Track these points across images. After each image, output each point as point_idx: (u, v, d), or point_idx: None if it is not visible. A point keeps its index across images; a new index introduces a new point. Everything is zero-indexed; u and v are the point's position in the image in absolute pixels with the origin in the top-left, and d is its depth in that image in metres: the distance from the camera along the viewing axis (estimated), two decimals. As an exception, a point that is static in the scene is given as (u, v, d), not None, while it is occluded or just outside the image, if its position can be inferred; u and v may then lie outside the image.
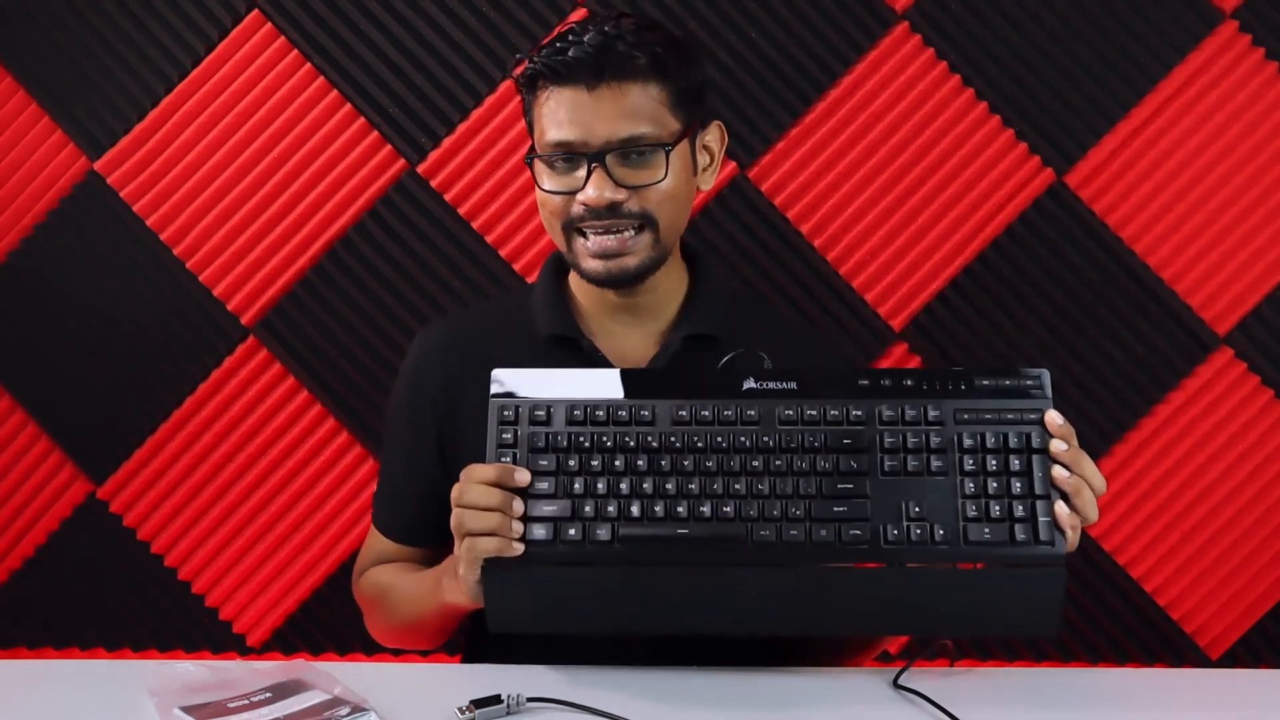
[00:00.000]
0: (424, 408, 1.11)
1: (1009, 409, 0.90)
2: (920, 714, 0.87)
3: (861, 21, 1.47)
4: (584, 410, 0.91)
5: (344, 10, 1.48)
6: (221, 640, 1.53)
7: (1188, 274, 1.48)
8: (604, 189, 1.00)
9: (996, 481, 0.88)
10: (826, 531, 0.87)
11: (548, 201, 1.05)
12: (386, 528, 1.15)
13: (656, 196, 1.03)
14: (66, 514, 1.53)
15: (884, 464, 0.89)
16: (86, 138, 1.50)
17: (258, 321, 1.51)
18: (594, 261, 1.04)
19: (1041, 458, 0.88)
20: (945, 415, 0.90)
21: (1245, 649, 1.51)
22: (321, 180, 1.49)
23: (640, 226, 1.03)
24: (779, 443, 0.90)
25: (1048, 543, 0.87)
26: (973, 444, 0.89)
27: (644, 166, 1.02)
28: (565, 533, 0.88)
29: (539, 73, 1.03)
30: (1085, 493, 0.88)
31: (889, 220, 1.48)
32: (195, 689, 0.87)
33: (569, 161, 1.02)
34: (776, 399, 0.91)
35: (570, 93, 1.01)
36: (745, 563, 0.88)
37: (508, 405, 0.91)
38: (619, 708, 0.85)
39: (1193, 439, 1.48)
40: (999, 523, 0.87)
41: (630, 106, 1.01)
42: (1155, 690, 0.97)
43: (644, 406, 0.91)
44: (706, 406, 0.91)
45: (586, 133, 1.00)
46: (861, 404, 0.90)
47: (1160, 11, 1.46)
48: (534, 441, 0.90)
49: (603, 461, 0.89)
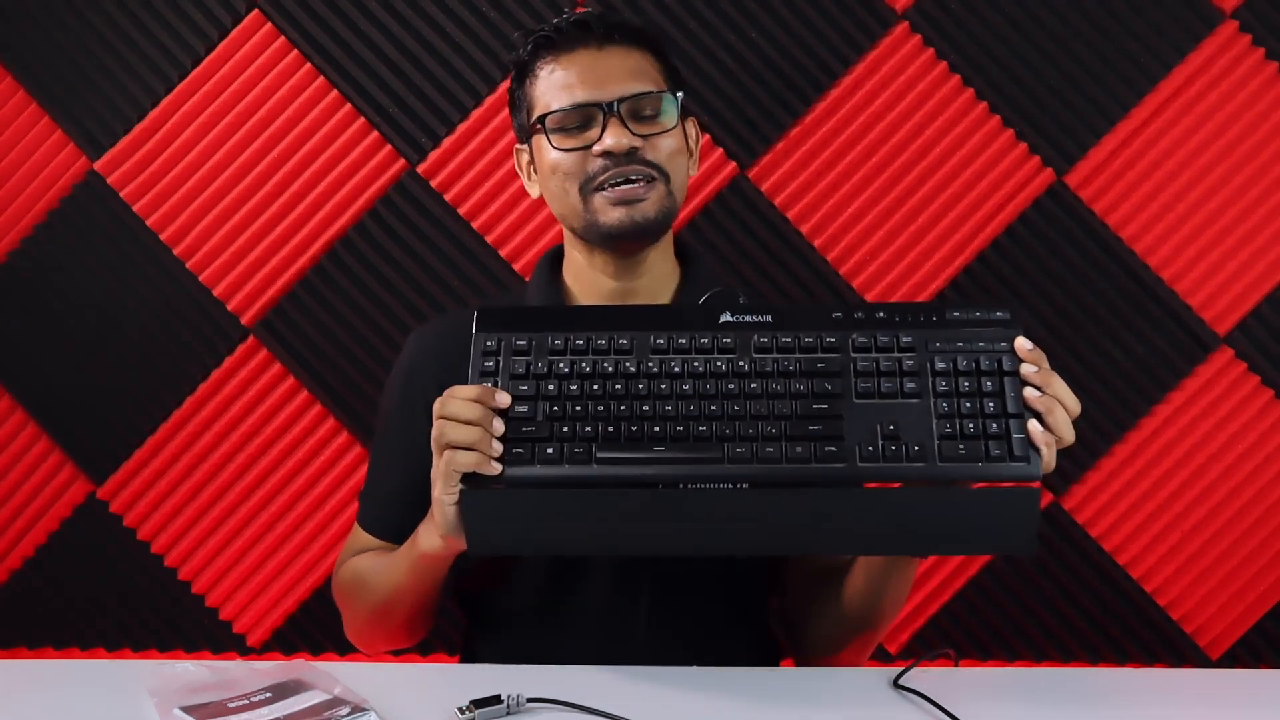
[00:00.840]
0: (417, 407, 1.11)
1: (980, 336, 0.92)
2: (920, 714, 0.87)
3: (861, 21, 1.47)
4: (564, 340, 0.93)
5: (344, 10, 1.48)
6: (221, 640, 1.53)
7: (1188, 274, 1.48)
8: (621, 135, 1.05)
9: (970, 402, 0.89)
10: (802, 449, 0.88)
11: (561, 163, 1.07)
12: (374, 525, 1.14)
13: (667, 148, 1.08)
14: (66, 514, 1.53)
15: (858, 387, 0.90)
16: (86, 138, 1.50)
17: (258, 321, 1.51)
18: (615, 210, 1.07)
19: (1013, 379, 0.90)
20: (918, 343, 0.92)
21: (1245, 649, 1.51)
22: (321, 180, 1.49)
23: (653, 178, 1.07)
24: (754, 368, 0.91)
25: (1022, 459, 0.87)
26: (945, 368, 0.90)
27: (653, 121, 1.08)
28: (542, 452, 0.89)
29: (547, 40, 1.09)
30: (1058, 412, 0.88)
31: (889, 220, 1.48)
32: (195, 689, 0.87)
33: (581, 122, 1.07)
34: (752, 330, 0.93)
35: (578, 56, 1.08)
36: (721, 480, 0.88)
37: (490, 338, 0.93)
38: (619, 708, 0.85)
39: (1193, 439, 1.48)
40: (973, 440, 0.88)
41: (635, 66, 1.09)
42: (1155, 690, 0.97)
43: (622, 336, 0.93)
44: (683, 335, 0.93)
45: (599, 88, 1.07)
46: (835, 333, 0.92)
47: (1160, 11, 1.46)
48: (514, 368, 0.92)
49: (581, 386, 0.91)
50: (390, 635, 1.15)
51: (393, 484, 1.13)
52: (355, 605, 1.13)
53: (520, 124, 1.15)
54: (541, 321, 0.95)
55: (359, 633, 1.16)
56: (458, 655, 1.23)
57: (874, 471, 0.88)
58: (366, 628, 1.14)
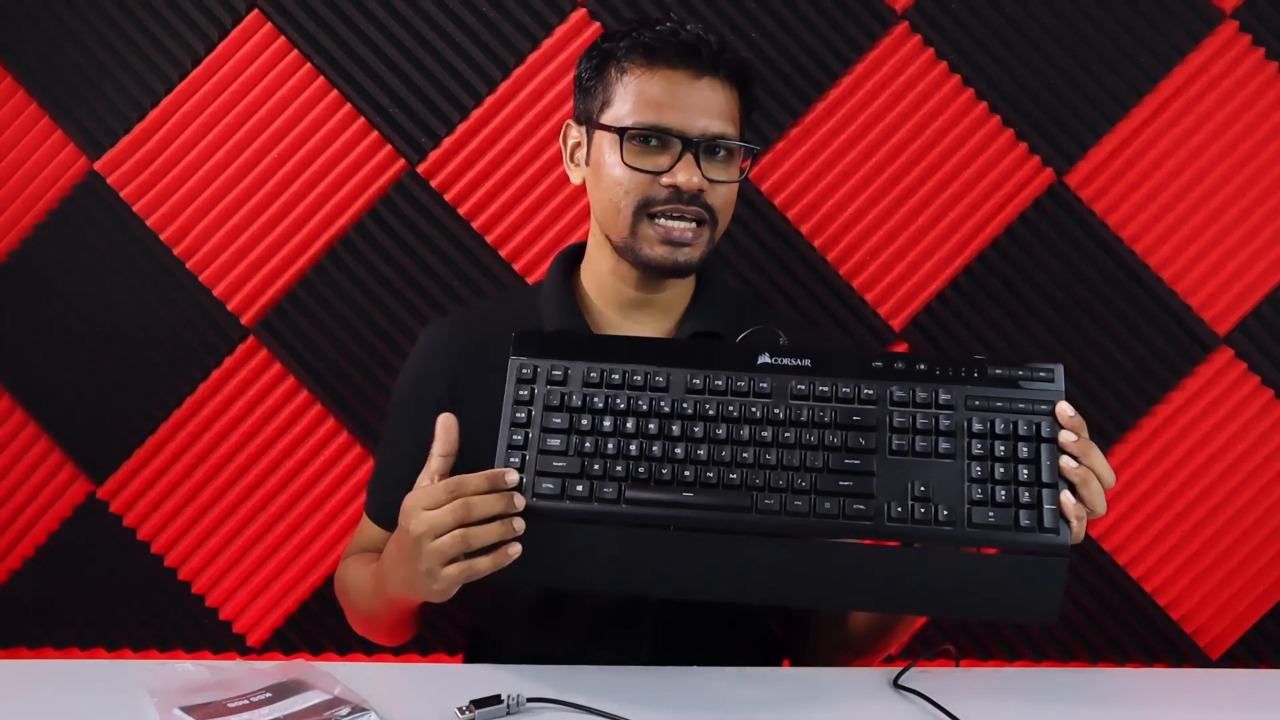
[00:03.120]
0: (428, 401, 1.11)
1: (1020, 398, 0.90)
2: (920, 714, 0.87)
3: (861, 21, 1.47)
4: (600, 373, 0.92)
5: (344, 10, 1.48)
6: (221, 640, 1.53)
7: (1188, 274, 1.48)
8: (694, 174, 1.03)
9: (1004, 467, 0.88)
10: (830, 505, 0.88)
11: (626, 179, 1.05)
12: (380, 515, 1.15)
13: (724, 196, 1.07)
14: (66, 514, 1.53)
15: (892, 443, 0.89)
16: (86, 138, 1.50)
17: (258, 321, 1.51)
18: (661, 248, 1.06)
19: (1050, 447, 0.89)
20: (956, 400, 0.90)
21: (1245, 649, 1.51)
22: (321, 180, 1.49)
23: (704, 221, 1.06)
24: (789, 416, 0.91)
25: (1052, 530, 0.87)
26: (982, 429, 0.89)
27: (724, 164, 1.07)
28: (572, 489, 0.89)
29: (653, 48, 1.05)
30: (1093, 484, 0.88)
31: (889, 220, 1.48)
32: (195, 689, 0.87)
33: (657, 143, 1.05)
34: (790, 374, 0.92)
35: (676, 75, 1.05)
36: (747, 531, 0.88)
37: (526, 365, 0.93)
38: (619, 708, 0.85)
39: (1193, 439, 1.48)
40: (1004, 508, 0.87)
41: (722, 104, 1.06)
42: (1155, 690, 0.97)
43: (659, 373, 0.92)
44: (720, 377, 0.92)
45: (687, 119, 1.04)
46: (873, 384, 0.91)
47: (1160, 11, 1.46)
48: (549, 400, 0.91)
49: (614, 423, 0.91)
50: (384, 637, 1.18)
51: (401, 476, 1.13)
52: (347, 608, 1.17)
53: (585, 109, 1.11)
54: (579, 349, 0.94)
55: (357, 629, 1.19)
56: (458, 655, 1.23)
57: (901, 532, 0.87)
58: (361, 628, 1.18)
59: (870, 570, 0.89)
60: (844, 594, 0.90)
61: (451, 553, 0.86)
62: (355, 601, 1.12)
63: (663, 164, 1.04)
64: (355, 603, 1.12)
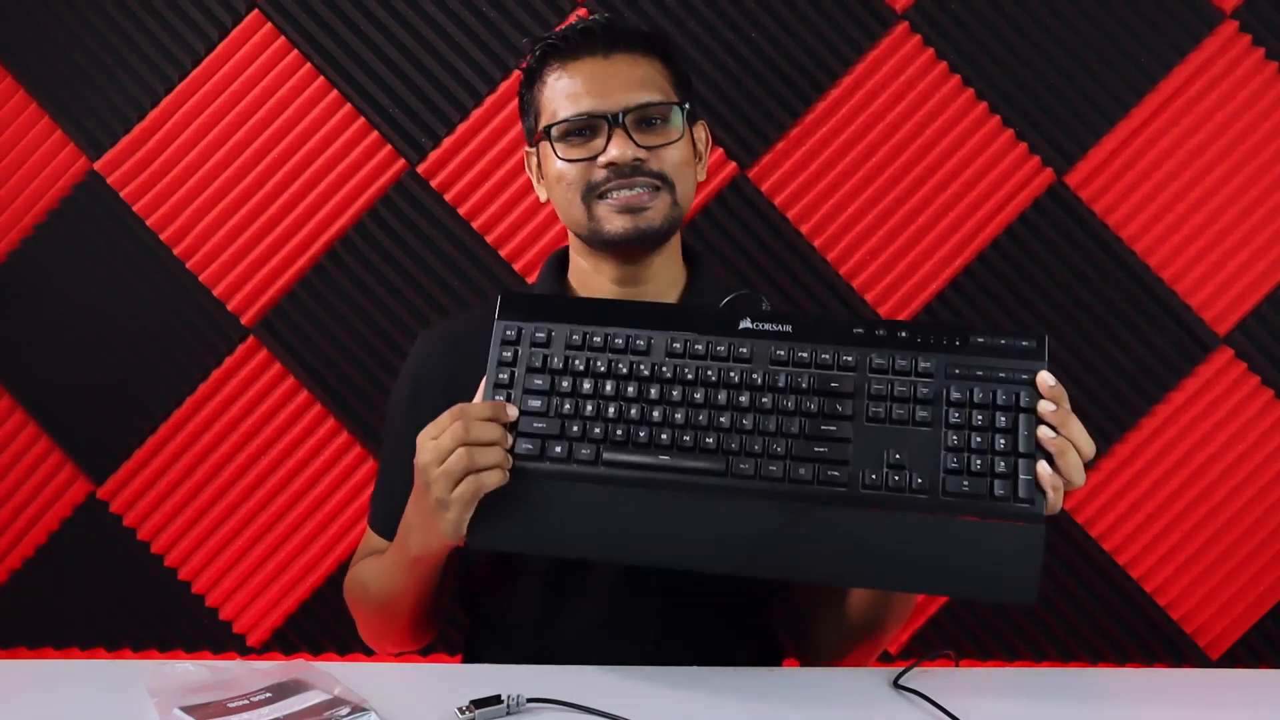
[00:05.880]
0: (425, 410, 1.11)
1: (1002, 367, 0.90)
2: (920, 714, 0.87)
3: (861, 21, 1.47)
4: (582, 336, 0.93)
5: (344, 10, 1.48)
6: (221, 640, 1.53)
7: (1188, 274, 1.48)
8: (625, 147, 1.05)
9: (981, 437, 0.88)
10: (805, 470, 0.88)
11: (566, 172, 1.07)
12: (384, 527, 1.15)
13: (672, 159, 1.08)
14: (66, 514, 1.53)
15: (869, 410, 0.90)
16: (86, 138, 1.50)
17: (258, 321, 1.51)
18: (619, 218, 1.07)
19: (1028, 417, 0.89)
20: (936, 368, 0.91)
21: (1245, 649, 1.51)
22: (321, 180, 1.49)
23: (658, 187, 1.07)
24: (767, 381, 0.91)
25: (1026, 501, 0.87)
26: (960, 398, 0.90)
27: (659, 130, 1.08)
28: (550, 449, 0.90)
29: (554, 48, 1.09)
30: (1070, 454, 0.87)
31: (889, 220, 1.48)
32: (195, 689, 0.87)
33: (587, 131, 1.07)
34: (770, 340, 0.93)
35: (585, 64, 1.08)
36: (722, 495, 0.89)
37: (511, 327, 0.94)
38: (619, 708, 0.85)
39: (1193, 439, 1.48)
40: (979, 477, 0.87)
41: (643, 75, 1.08)
42: (1155, 690, 0.97)
43: (640, 336, 0.93)
44: (700, 341, 0.93)
45: (605, 98, 1.06)
46: (853, 350, 0.92)
47: (1160, 11, 1.46)
48: (531, 361, 0.93)
49: (594, 385, 0.92)
50: (398, 637, 1.16)
51: (402, 486, 1.13)
52: (362, 609, 1.15)
53: (529, 128, 1.15)
54: (564, 312, 0.95)
55: (370, 635, 1.18)
56: (458, 655, 1.23)
57: (874, 499, 0.88)
58: (375, 630, 1.16)
59: (842, 540, 0.88)
60: (816, 565, 0.89)
61: (457, 472, 0.88)
62: (373, 591, 1.10)
63: (598, 148, 1.06)
64: (373, 592, 1.10)
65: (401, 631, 1.14)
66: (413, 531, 0.98)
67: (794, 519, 0.89)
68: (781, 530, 0.88)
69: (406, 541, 1.00)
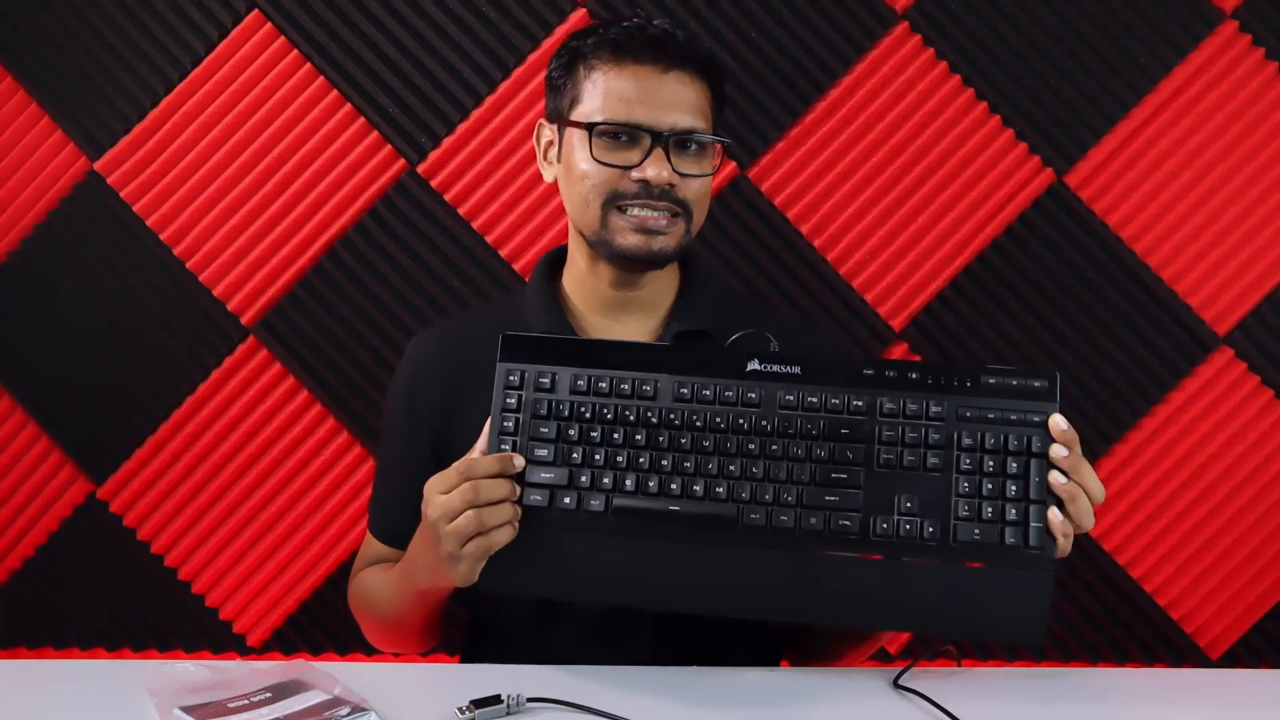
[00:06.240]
0: (420, 415, 1.11)
1: (1013, 409, 0.89)
2: (920, 714, 0.87)
3: (861, 21, 1.47)
4: (587, 380, 0.92)
5: (344, 10, 1.48)
6: (221, 640, 1.53)
7: (1188, 274, 1.48)
8: (663, 169, 1.03)
9: (992, 483, 0.88)
10: (816, 519, 0.88)
11: (594, 174, 1.05)
12: (383, 533, 1.15)
13: (697, 190, 1.06)
14: (66, 514, 1.53)
15: (880, 456, 0.89)
16: (86, 138, 1.50)
17: (258, 321, 1.51)
18: (634, 236, 1.05)
19: (1040, 462, 0.88)
20: (947, 412, 0.90)
21: (1245, 649, 1.51)
22: (321, 180, 1.49)
23: (677, 214, 1.06)
24: (777, 427, 0.90)
25: (1037, 548, 0.87)
26: (972, 443, 0.89)
27: (695, 159, 1.06)
28: (560, 500, 0.89)
29: (620, 44, 1.05)
30: (1081, 500, 0.87)
31: (889, 220, 1.48)
32: (195, 689, 0.87)
33: (625, 138, 1.04)
34: (779, 383, 0.91)
35: (642, 70, 1.05)
36: (734, 543, 0.88)
37: (514, 370, 0.93)
38: (619, 708, 0.85)
39: (1193, 439, 1.48)
40: (990, 524, 0.87)
41: (693, 98, 1.06)
42: (1155, 690, 0.97)
43: (646, 381, 0.92)
44: (708, 386, 0.92)
45: (656, 113, 1.04)
46: (863, 394, 0.90)
47: (1160, 11, 1.46)
48: (537, 408, 0.91)
49: (602, 432, 0.91)
50: (405, 646, 1.18)
51: (399, 492, 1.13)
52: (367, 621, 1.16)
53: (556, 106, 1.11)
54: (567, 354, 0.93)
55: (375, 641, 1.19)
56: (458, 655, 1.23)
57: (886, 547, 0.88)
58: (381, 639, 1.17)
59: (854, 586, 0.88)
60: (827, 610, 0.90)
61: (467, 533, 0.88)
62: (379, 608, 1.11)
63: (632, 159, 1.04)
64: (379, 609, 1.11)
65: (409, 643, 1.16)
66: (420, 570, 0.98)
67: (805, 566, 0.89)
68: (793, 576, 0.89)
69: (414, 575, 0.99)
